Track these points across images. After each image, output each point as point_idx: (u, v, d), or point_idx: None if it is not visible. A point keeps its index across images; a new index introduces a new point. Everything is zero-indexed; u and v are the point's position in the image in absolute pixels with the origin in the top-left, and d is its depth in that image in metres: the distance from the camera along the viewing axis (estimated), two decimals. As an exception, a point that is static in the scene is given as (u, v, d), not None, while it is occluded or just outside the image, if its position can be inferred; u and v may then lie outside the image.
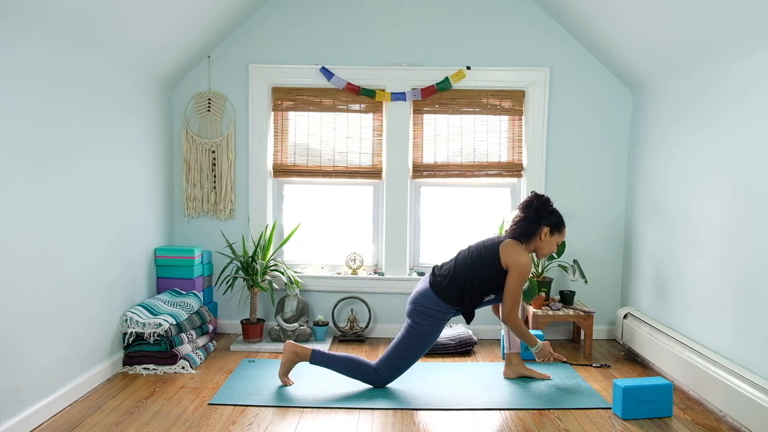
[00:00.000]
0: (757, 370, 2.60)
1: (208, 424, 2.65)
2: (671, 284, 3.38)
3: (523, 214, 3.13)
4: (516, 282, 2.98)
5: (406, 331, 3.05)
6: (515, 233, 3.11)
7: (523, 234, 3.10)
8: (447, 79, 3.97)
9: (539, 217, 3.09)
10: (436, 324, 3.03)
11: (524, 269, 2.98)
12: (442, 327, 3.07)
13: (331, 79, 3.98)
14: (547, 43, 3.99)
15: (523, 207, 3.14)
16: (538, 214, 3.09)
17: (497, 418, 2.78)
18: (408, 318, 3.08)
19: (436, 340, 3.09)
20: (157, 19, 3.15)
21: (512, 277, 2.98)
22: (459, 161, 4.09)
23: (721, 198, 2.91)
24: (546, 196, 3.15)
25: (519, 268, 2.97)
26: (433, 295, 3.03)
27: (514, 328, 3.05)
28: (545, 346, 3.14)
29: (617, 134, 4.04)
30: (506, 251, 3.01)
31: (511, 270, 2.99)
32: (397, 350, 3.05)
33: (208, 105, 4.03)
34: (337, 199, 4.24)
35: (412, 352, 3.04)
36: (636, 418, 2.74)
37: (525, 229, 3.10)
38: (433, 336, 3.04)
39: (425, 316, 3.02)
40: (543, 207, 3.10)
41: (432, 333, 3.03)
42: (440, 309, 3.03)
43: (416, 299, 3.08)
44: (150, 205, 3.71)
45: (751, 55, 2.68)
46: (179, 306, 3.55)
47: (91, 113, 3.01)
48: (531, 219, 3.10)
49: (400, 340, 3.05)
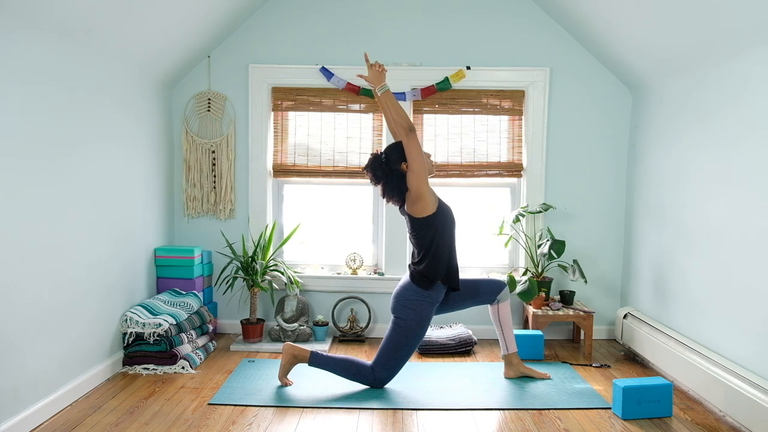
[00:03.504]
0: (757, 370, 2.60)
1: (208, 424, 2.65)
2: (671, 284, 3.38)
3: (382, 181, 3.01)
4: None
5: (393, 328, 3.04)
6: (394, 195, 3.02)
7: (397, 190, 3.00)
8: (447, 79, 3.97)
9: (390, 169, 2.99)
10: (422, 315, 3.00)
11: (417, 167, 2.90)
12: (429, 318, 3.03)
13: (331, 79, 3.98)
14: (547, 43, 3.99)
15: (376, 177, 3.02)
16: (387, 166, 2.99)
17: (497, 418, 2.78)
18: (392, 313, 3.07)
19: (425, 332, 3.06)
20: (157, 19, 3.14)
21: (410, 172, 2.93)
22: (459, 161, 4.09)
23: (720, 198, 2.91)
24: (373, 154, 3.05)
25: (412, 175, 2.92)
26: (413, 285, 3.02)
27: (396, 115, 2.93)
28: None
29: (617, 134, 4.04)
30: (408, 203, 2.98)
31: (411, 181, 2.93)
32: (388, 349, 3.04)
33: (208, 105, 4.03)
34: (337, 199, 4.24)
35: (403, 348, 3.02)
36: (636, 418, 2.74)
37: (394, 186, 3.00)
38: (421, 329, 3.02)
39: (409, 309, 3.00)
40: (383, 161, 3.00)
41: (419, 325, 3.01)
42: (423, 299, 3.00)
43: (399, 293, 3.07)
44: (150, 205, 3.71)
45: (751, 54, 2.68)
46: (179, 306, 3.55)
47: (91, 113, 3.01)
48: (387, 173, 3.00)
49: (389, 338, 3.04)
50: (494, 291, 3.22)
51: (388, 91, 2.97)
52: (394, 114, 2.93)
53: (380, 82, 2.98)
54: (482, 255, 4.21)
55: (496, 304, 3.24)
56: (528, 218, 4.03)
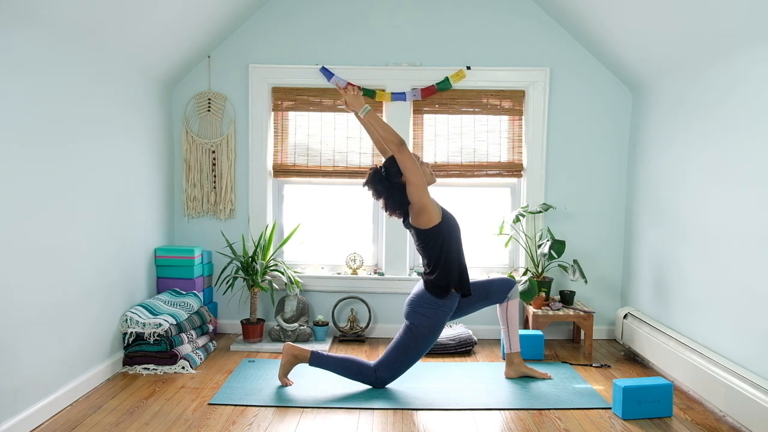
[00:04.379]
0: (758, 370, 2.60)
1: (208, 424, 2.65)
2: (671, 284, 3.38)
3: (384, 195, 3.01)
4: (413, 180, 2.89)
5: (404, 333, 3.04)
6: (396, 209, 3.03)
7: (399, 203, 3.00)
8: (447, 79, 3.97)
9: (391, 183, 2.98)
10: (435, 323, 3.01)
11: (416, 182, 2.89)
12: (442, 325, 3.04)
13: (331, 79, 3.97)
14: (547, 43, 3.99)
15: (377, 192, 3.01)
16: (388, 180, 2.98)
17: (497, 418, 2.78)
18: (406, 319, 3.07)
19: (436, 339, 3.07)
20: (157, 19, 3.14)
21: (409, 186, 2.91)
22: (459, 161, 4.09)
23: (721, 198, 2.91)
24: (373, 169, 3.05)
25: (411, 188, 2.90)
26: (427, 294, 3.02)
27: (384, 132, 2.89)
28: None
29: (617, 134, 4.04)
30: (413, 216, 2.98)
31: (411, 194, 2.91)
32: (397, 352, 3.04)
33: (208, 105, 4.03)
34: (337, 199, 4.24)
35: (411, 353, 3.03)
36: (636, 418, 2.74)
37: (396, 200, 3.00)
38: (432, 336, 3.03)
39: (423, 316, 3.01)
40: (383, 175, 2.99)
41: (431, 333, 3.01)
42: (437, 307, 3.01)
43: (413, 300, 3.07)
44: (150, 205, 3.71)
45: (751, 54, 2.67)
46: (179, 306, 3.55)
47: (91, 114, 3.01)
48: (388, 187, 2.98)
49: (399, 342, 3.04)
50: (505, 289, 3.23)
51: (370, 111, 2.98)
52: (381, 132, 2.90)
53: (360, 106, 2.98)
54: (482, 255, 4.21)
55: (506, 302, 3.25)
56: (528, 218, 4.03)
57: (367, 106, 2.98)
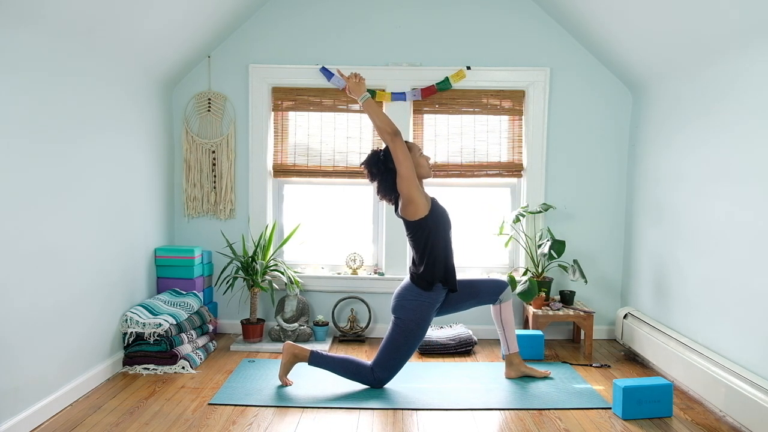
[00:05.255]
0: (758, 370, 2.60)
1: (208, 424, 2.65)
2: (671, 284, 3.38)
3: (377, 178, 3.03)
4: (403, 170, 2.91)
5: (393, 329, 3.04)
6: (387, 195, 3.05)
7: (390, 189, 3.02)
8: (447, 79, 3.97)
9: (386, 167, 3.00)
10: (421, 316, 3.00)
11: (407, 171, 2.91)
12: (428, 319, 3.03)
13: (331, 79, 3.97)
14: (547, 43, 3.99)
15: (372, 174, 3.04)
16: (384, 164, 3.00)
17: (497, 418, 2.78)
18: (393, 313, 3.07)
19: (424, 333, 3.06)
20: (157, 19, 3.14)
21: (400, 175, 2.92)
22: (459, 161, 4.09)
23: (721, 198, 2.91)
24: (370, 152, 3.08)
25: (400, 179, 2.92)
26: (413, 286, 3.02)
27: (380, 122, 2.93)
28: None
29: (617, 134, 4.04)
30: (401, 206, 2.99)
31: (400, 185, 2.93)
32: (388, 349, 3.04)
33: (208, 105, 4.03)
34: (337, 199, 4.24)
35: (403, 348, 3.02)
36: (636, 418, 2.74)
37: (388, 185, 3.02)
38: (420, 330, 3.02)
39: (408, 309, 3.00)
40: (381, 158, 3.01)
41: (419, 326, 3.01)
42: (422, 299, 3.00)
43: (399, 293, 3.08)
44: (150, 205, 3.71)
45: (752, 54, 2.67)
46: (179, 306, 3.55)
47: (91, 114, 3.01)
48: (383, 171, 3.01)
49: (390, 340, 3.04)
50: (496, 291, 3.22)
51: (369, 99, 2.99)
52: (377, 121, 2.94)
53: (361, 93, 3.01)
54: (482, 255, 4.21)
55: (499, 304, 3.24)
56: (528, 218, 4.03)
57: (367, 94, 3.00)
